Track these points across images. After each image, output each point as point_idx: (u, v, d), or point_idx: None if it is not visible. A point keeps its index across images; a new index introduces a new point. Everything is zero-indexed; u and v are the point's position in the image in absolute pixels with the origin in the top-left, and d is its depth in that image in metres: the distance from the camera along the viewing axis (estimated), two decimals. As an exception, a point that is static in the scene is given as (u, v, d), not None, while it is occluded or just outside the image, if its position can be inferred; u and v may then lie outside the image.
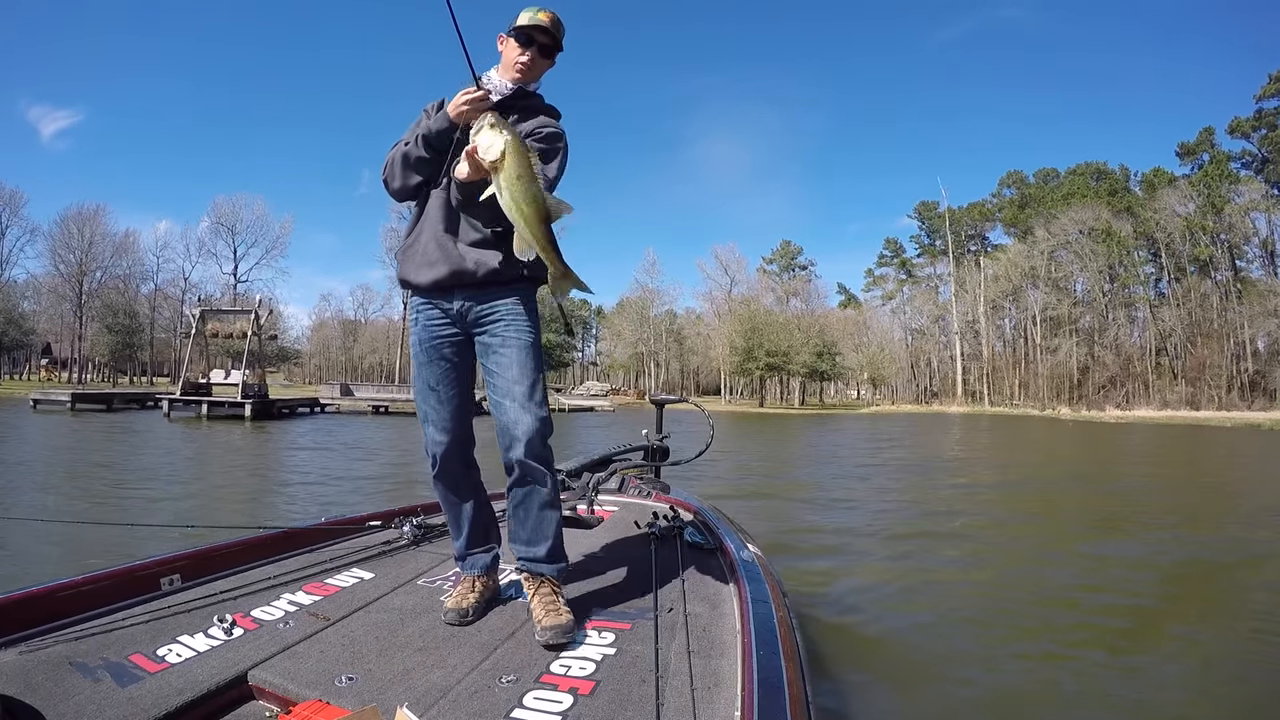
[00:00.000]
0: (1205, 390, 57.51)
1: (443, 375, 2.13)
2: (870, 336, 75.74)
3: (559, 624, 1.86)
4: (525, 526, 2.09)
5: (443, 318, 2.12)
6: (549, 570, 2.06)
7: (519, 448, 1.99)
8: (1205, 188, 61.40)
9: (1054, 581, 5.49)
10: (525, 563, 2.09)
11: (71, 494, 8.68)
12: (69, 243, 59.24)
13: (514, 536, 2.12)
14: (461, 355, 2.15)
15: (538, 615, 1.92)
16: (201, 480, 10.65)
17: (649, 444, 4.14)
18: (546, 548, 2.06)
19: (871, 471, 13.81)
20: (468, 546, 2.21)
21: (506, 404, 2.02)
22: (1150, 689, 3.54)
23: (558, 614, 1.90)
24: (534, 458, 2.01)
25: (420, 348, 2.14)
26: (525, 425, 1.99)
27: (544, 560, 2.06)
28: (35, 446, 15.21)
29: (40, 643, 1.74)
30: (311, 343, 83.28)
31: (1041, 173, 76.28)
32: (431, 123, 1.98)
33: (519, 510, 2.09)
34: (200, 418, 26.98)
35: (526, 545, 2.09)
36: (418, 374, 2.16)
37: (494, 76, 2.14)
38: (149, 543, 4.71)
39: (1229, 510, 9.74)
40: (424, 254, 2.07)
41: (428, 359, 2.13)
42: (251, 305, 34.39)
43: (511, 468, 2.04)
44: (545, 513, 2.08)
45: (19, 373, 62.30)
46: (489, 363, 2.09)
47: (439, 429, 2.13)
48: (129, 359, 62.26)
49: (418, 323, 2.14)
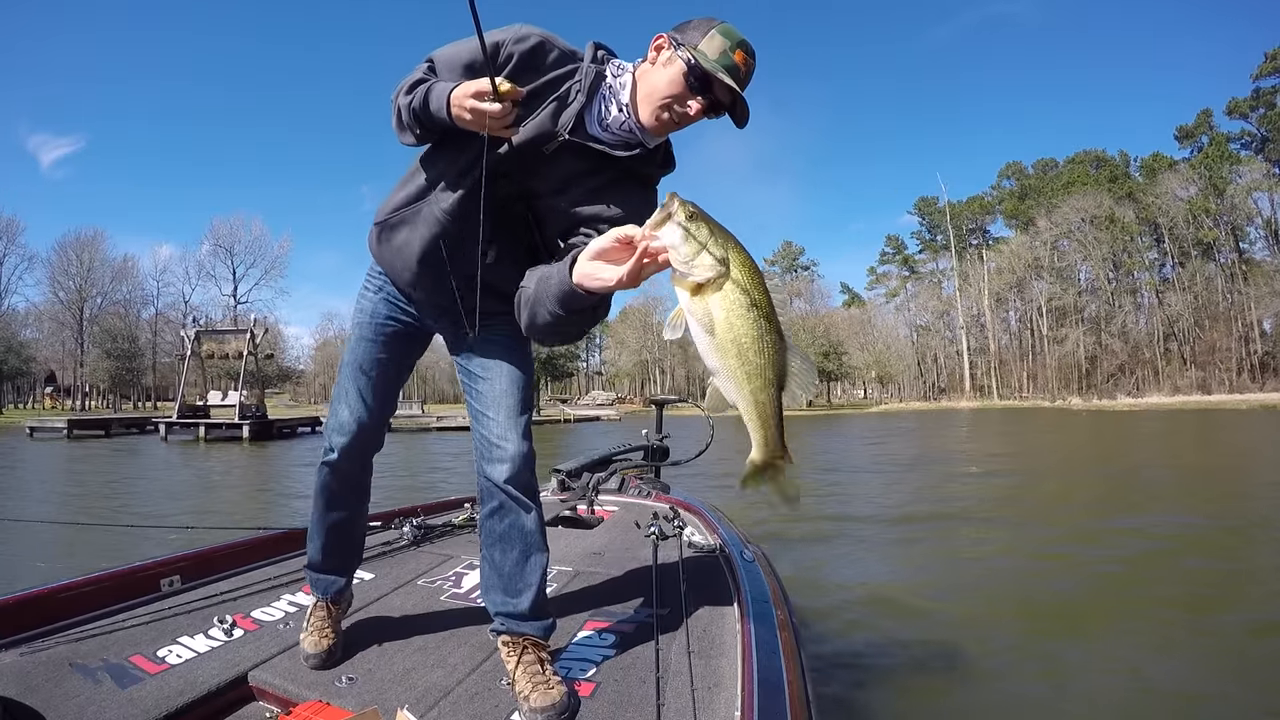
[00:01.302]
0: (1215, 374, 57.10)
1: (384, 361, 1.81)
2: (875, 335, 75.47)
3: (550, 703, 1.48)
4: (503, 571, 1.71)
5: (407, 300, 1.79)
6: (533, 630, 1.67)
7: (504, 469, 1.66)
8: (1206, 169, 61.36)
9: (1081, 589, 5.26)
10: (504, 620, 1.69)
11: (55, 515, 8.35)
12: (67, 269, 59.14)
13: (488, 585, 1.74)
14: (412, 346, 1.86)
15: (522, 690, 1.53)
16: (185, 499, 10.37)
17: (649, 444, 4.10)
18: (530, 599, 1.68)
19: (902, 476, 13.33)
20: (325, 560, 1.88)
21: (493, 416, 1.69)
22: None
23: (547, 688, 1.51)
24: (521, 485, 1.67)
25: (370, 322, 1.80)
26: (514, 443, 1.67)
27: (527, 617, 1.67)
28: (17, 476, 14.90)
29: (41, 644, 1.73)
30: (315, 362, 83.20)
31: (1040, 163, 76.31)
32: (430, 99, 1.48)
33: (496, 548, 1.71)
34: (198, 440, 26.53)
35: (505, 596, 1.70)
36: (353, 350, 1.81)
37: (615, 87, 1.54)
38: (145, 544, 4.69)
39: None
40: (422, 252, 1.65)
41: (374, 336, 1.79)
42: (247, 325, 33.99)
43: (491, 494, 1.69)
44: (530, 555, 1.71)
45: (23, 401, 62.27)
46: (473, 366, 1.75)
47: (354, 416, 1.79)
48: (131, 384, 62.14)
49: (380, 291, 1.80)
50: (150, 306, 64.86)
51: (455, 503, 3.54)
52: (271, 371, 60.77)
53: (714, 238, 1.11)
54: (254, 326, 33.28)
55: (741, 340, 1.10)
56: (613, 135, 1.55)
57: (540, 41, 1.53)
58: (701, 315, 1.11)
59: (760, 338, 1.10)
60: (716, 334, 1.10)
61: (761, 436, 1.13)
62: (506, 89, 1.39)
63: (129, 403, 63.48)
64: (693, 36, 1.45)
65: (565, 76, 1.55)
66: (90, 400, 61.67)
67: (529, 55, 1.53)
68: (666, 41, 1.48)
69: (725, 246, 1.11)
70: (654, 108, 1.49)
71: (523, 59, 1.52)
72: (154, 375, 63.78)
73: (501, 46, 1.51)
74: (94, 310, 60.61)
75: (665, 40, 1.49)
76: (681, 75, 1.45)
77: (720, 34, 1.43)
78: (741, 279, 1.09)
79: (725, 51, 1.42)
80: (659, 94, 1.47)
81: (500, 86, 1.38)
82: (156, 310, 64.42)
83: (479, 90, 1.39)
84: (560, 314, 1.43)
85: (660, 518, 2.59)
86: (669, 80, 1.46)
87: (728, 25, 1.46)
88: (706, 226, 1.12)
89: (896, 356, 74.17)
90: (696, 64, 1.42)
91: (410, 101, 1.50)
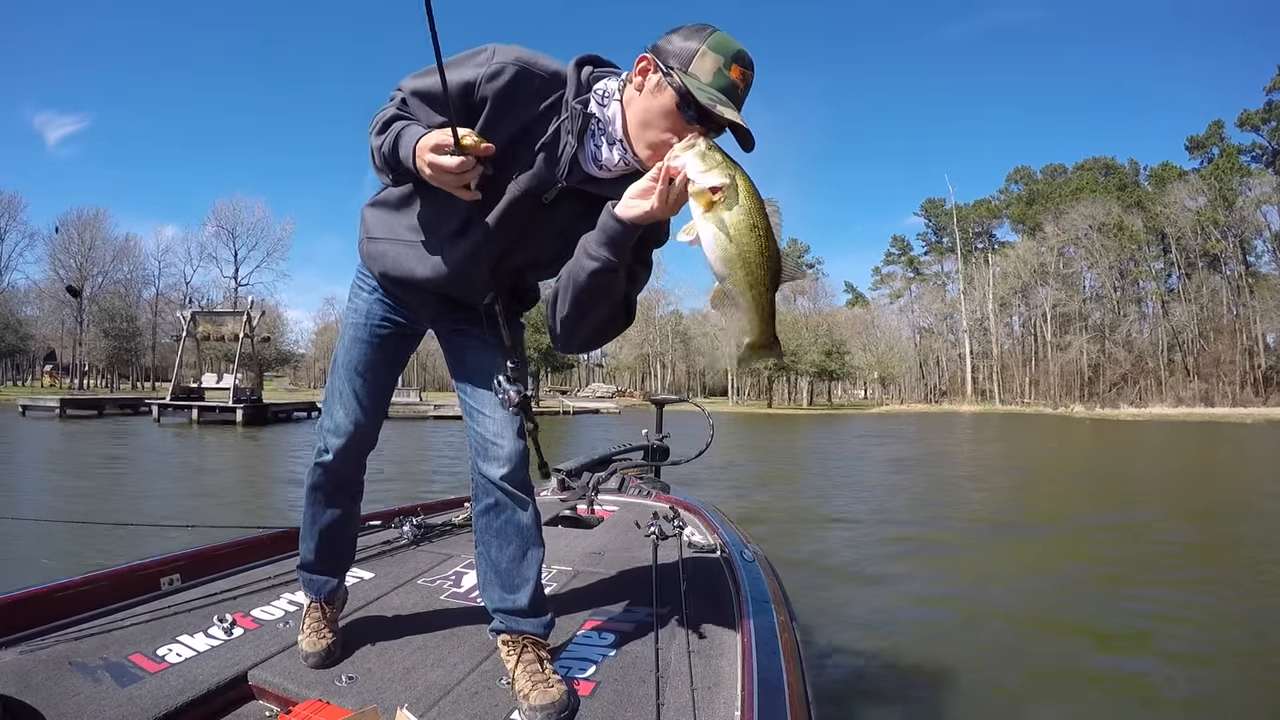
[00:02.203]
0: (1219, 386, 56.92)
1: (379, 363, 1.76)
2: (878, 335, 75.08)
3: (550, 702, 1.45)
4: (499, 567, 1.67)
5: (401, 304, 1.75)
6: (532, 628, 1.64)
7: (500, 466, 1.63)
8: (1216, 180, 60.91)
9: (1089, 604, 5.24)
10: (503, 618, 1.66)
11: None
12: (69, 248, 59.06)
13: (485, 583, 1.72)
14: (407, 346, 1.83)
15: (521, 689, 1.50)
16: (167, 493, 10.18)
17: (649, 444, 4.10)
18: (528, 595, 1.66)
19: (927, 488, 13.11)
20: (319, 561, 1.85)
21: (489, 414, 1.65)
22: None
23: (547, 687, 1.48)
24: (517, 482, 1.65)
25: (365, 324, 1.74)
26: (509, 441, 1.64)
27: (526, 613, 1.65)
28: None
29: (40, 643, 1.72)
30: (316, 346, 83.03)
31: (1049, 168, 75.85)
32: (398, 144, 1.37)
33: (492, 543, 1.68)
34: (191, 423, 26.35)
35: (503, 592, 1.67)
36: (348, 351, 1.75)
37: (601, 100, 1.41)
38: (138, 540, 4.73)
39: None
40: (424, 285, 1.62)
41: (368, 338, 1.74)
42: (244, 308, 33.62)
43: (487, 490, 1.66)
44: (527, 549, 1.68)
45: (23, 379, 62.11)
46: (469, 361, 1.71)
47: (351, 418, 1.75)
48: (130, 364, 61.95)
49: (374, 292, 1.73)
50: (151, 287, 64.68)
51: (455, 502, 3.52)
52: (270, 355, 60.61)
53: (725, 162, 1.25)
54: (251, 309, 32.96)
55: (746, 253, 1.26)
56: (608, 172, 1.45)
57: (517, 73, 1.36)
58: (715, 227, 1.26)
59: (761, 250, 1.26)
60: (724, 246, 1.26)
61: (759, 327, 1.35)
62: (469, 142, 1.27)
63: (128, 383, 63.33)
64: (681, 53, 1.29)
65: (549, 112, 1.41)
66: (90, 380, 61.64)
67: (504, 95, 1.37)
68: (651, 64, 1.31)
69: (734, 170, 1.25)
70: (649, 143, 1.35)
71: (499, 101, 1.37)
72: (154, 356, 63.65)
73: (475, 87, 1.35)
74: (95, 289, 60.42)
75: (650, 62, 1.32)
76: (674, 105, 1.30)
77: (712, 49, 1.27)
78: (746, 202, 1.24)
79: (720, 70, 1.28)
80: (652, 128, 1.34)
81: (463, 139, 1.26)
82: (158, 291, 64.29)
83: (438, 143, 1.28)
84: (605, 257, 1.36)
85: (660, 518, 2.58)
86: (660, 112, 1.32)
87: (720, 35, 1.29)
88: (720, 153, 1.25)
89: (899, 358, 73.84)
90: (689, 93, 1.27)
91: (381, 145, 1.40)
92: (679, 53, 1.29)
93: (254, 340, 32.00)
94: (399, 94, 1.46)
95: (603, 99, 1.39)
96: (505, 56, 1.36)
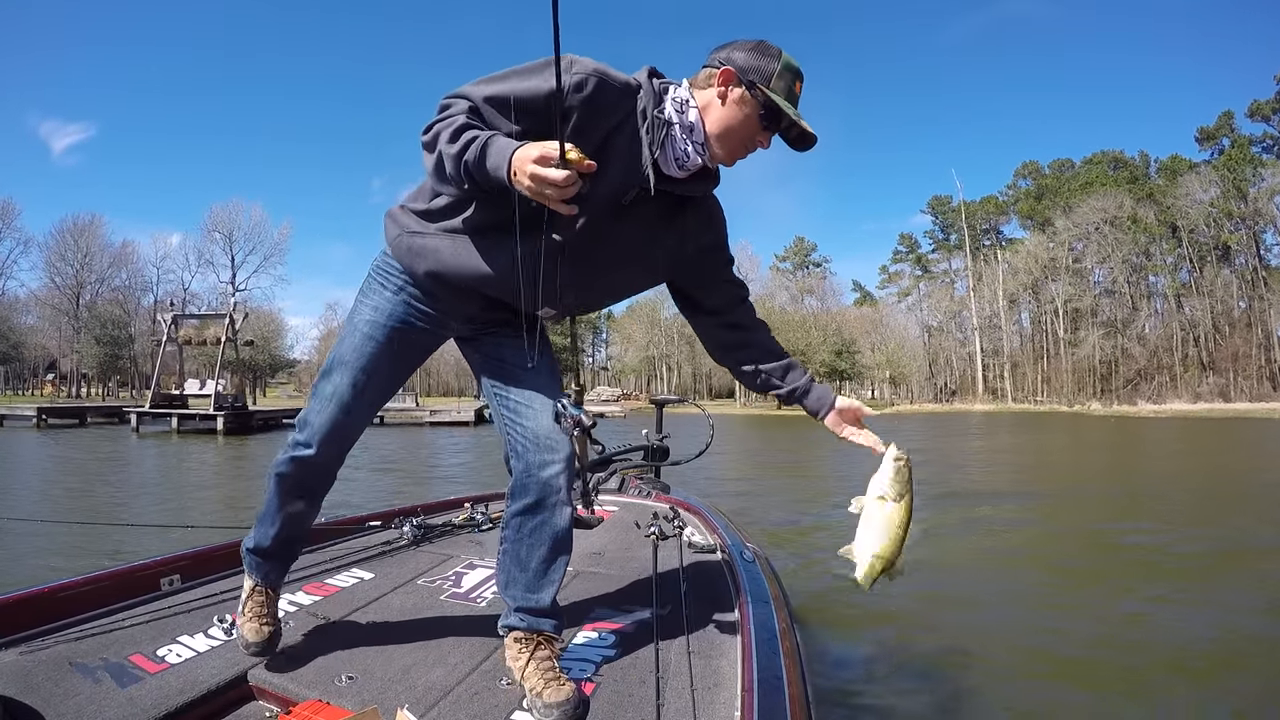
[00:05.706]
0: (1236, 381, 55.80)
1: (391, 365, 1.70)
2: (888, 334, 74.38)
3: (565, 699, 1.48)
4: (528, 566, 1.67)
5: (433, 305, 1.69)
6: (549, 627, 1.67)
7: (552, 465, 1.63)
8: (1229, 171, 60.20)
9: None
10: (524, 616, 1.66)
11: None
12: (65, 254, 58.44)
13: (509, 581, 1.70)
14: (425, 351, 1.77)
15: (534, 687, 1.52)
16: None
17: (649, 444, 4.14)
18: (551, 596, 1.68)
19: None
20: (275, 546, 1.79)
21: (540, 410, 1.66)
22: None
23: (560, 685, 1.52)
24: (566, 483, 1.66)
25: (384, 323, 1.67)
26: (563, 440, 1.64)
27: (547, 613, 1.67)
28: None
29: (40, 643, 1.73)
30: (319, 352, 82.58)
31: (1057, 163, 75.10)
32: (488, 154, 1.32)
33: (524, 543, 1.67)
34: (172, 432, 25.34)
35: (527, 591, 1.68)
36: (358, 349, 1.68)
37: (679, 108, 1.49)
38: (132, 539, 4.73)
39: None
40: (470, 288, 1.61)
41: (385, 338, 1.67)
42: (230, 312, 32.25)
43: (527, 489, 1.64)
44: (559, 553, 1.69)
45: (24, 388, 61.58)
46: (508, 359, 1.72)
47: (344, 412, 1.69)
48: (125, 371, 61.31)
49: (400, 292, 1.67)
50: (149, 294, 64.18)
51: (455, 502, 3.52)
52: (264, 361, 59.86)
53: (908, 480, 1.57)
54: (234, 311, 31.72)
55: (896, 531, 1.55)
56: (686, 172, 1.55)
57: (598, 84, 1.40)
58: (886, 514, 1.58)
59: (906, 527, 1.56)
60: (889, 525, 1.55)
61: (891, 557, 1.56)
62: (575, 157, 1.26)
63: (125, 390, 62.79)
64: (760, 70, 1.45)
65: (624, 122, 1.46)
66: (89, 388, 61.17)
67: (591, 107, 1.40)
68: (733, 78, 1.46)
69: (907, 486, 1.56)
70: (732, 146, 1.52)
71: (584, 113, 1.39)
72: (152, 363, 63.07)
73: (562, 97, 1.33)
74: (92, 296, 59.89)
75: (733, 76, 1.46)
76: (758, 117, 1.48)
77: (785, 68, 1.46)
78: (906, 503, 1.56)
79: (790, 87, 1.47)
80: (736, 134, 1.50)
81: (569, 153, 1.26)
82: (155, 298, 63.75)
83: (543, 154, 1.26)
84: (780, 389, 1.82)
85: (660, 518, 2.59)
86: (744, 121, 1.49)
87: (789, 58, 1.47)
88: (908, 471, 1.57)
89: (909, 357, 73.06)
90: (774, 106, 1.46)
91: (461, 153, 1.33)
92: (758, 70, 1.45)
93: (237, 344, 30.78)
94: (463, 101, 1.41)
95: (682, 108, 1.48)
96: (585, 67, 1.38)
